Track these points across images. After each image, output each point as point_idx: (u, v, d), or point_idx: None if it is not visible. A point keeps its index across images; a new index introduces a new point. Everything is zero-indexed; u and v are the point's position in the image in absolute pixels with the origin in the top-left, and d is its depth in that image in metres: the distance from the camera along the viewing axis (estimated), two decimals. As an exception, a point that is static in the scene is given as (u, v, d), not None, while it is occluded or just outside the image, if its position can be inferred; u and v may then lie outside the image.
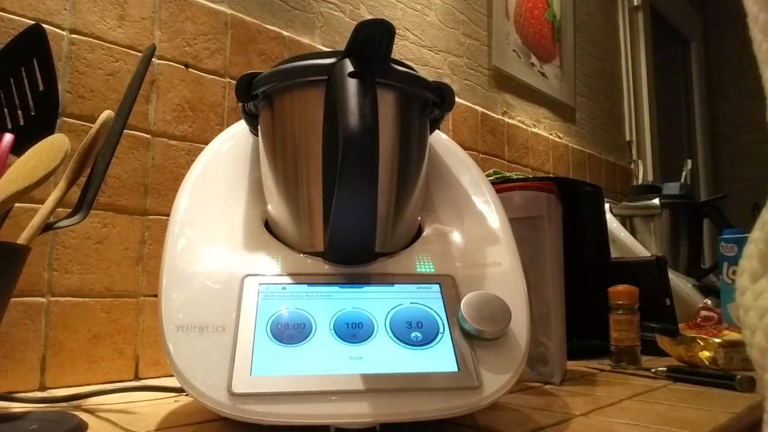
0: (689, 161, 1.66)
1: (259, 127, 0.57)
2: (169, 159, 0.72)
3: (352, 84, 0.46)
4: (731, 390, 0.62)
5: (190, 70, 0.75)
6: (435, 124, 0.59)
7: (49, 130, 0.49)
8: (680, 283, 1.30)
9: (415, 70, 0.56)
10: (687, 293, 1.28)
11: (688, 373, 0.70)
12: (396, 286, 0.51)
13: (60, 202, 0.46)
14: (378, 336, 0.45)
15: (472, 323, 0.46)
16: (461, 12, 1.28)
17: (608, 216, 1.32)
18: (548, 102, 1.54)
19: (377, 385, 0.42)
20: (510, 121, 1.36)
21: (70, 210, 0.49)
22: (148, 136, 0.70)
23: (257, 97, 0.55)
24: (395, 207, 0.54)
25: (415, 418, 0.42)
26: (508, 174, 1.06)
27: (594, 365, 0.82)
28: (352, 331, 0.45)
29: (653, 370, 0.73)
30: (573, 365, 0.82)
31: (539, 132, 1.46)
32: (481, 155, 1.24)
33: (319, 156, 0.51)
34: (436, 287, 0.51)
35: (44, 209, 0.45)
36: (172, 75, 0.73)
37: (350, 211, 0.47)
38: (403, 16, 1.12)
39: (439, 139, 0.65)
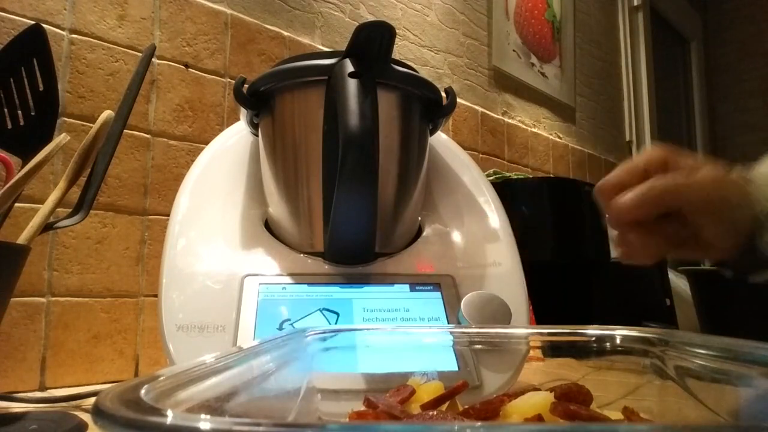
0: (689, 161, 1.65)
1: (259, 127, 0.57)
2: (169, 159, 0.72)
3: (352, 84, 0.46)
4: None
5: (190, 70, 0.75)
6: (436, 126, 0.59)
7: (49, 130, 0.49)
8: (680, 283, 1.30)
9: (415, 71, 0.56)
10: (687, 293, 1.28)
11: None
12: (396, 286, 0.51)
13: (60, 202, 0.46)
14: (378, 336, 0.45)
15: (472, 323, 0.46)
16: (461, 12, 1.28)
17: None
18: (548, 102, 1.54)
19: (377, 385, 0.42)
20: (510, 121, 1.36)
21: (70, 210, 0.49)
22: (148, 136, 0.70)
23: (256, 100, 0.54)
24: (395, 207, 0.54)
25: (415, 418, 0.42)
26: (508, 174, 1.06)
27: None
28: (352, 331, 0.45)
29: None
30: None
31: (539, 132, 1.46)
32: (481, 155, 1.24)
33: (319, 156, 0.51)
34: (436, 287, 0.51)
35: (44, 209, 0.45)
36: (172, 75, 0.73)
37: (350, 211, 0.47)
38: (403, 16, 1.12)
39: (440, 140, 0.65)
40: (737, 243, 0.40)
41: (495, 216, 0.58)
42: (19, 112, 0.48)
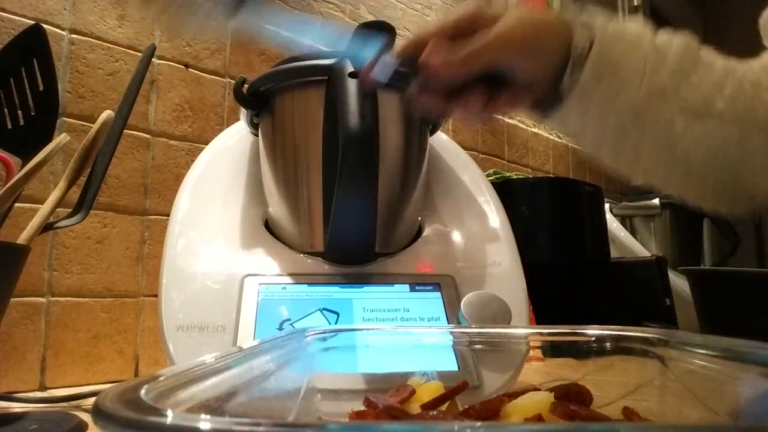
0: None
1: (259, 127, 0.57)
2: (169, 159, 0.72)
3: (352, 84, 0.46)
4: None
5: (190, 70, 0.75)
6: (436, 126, 0.59)
7: (49, 130, 0.49)
8: (680, 283, 1.30)
9: (415, 70, 0.56)
10: (687, 293, 1.28)
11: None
12: (396, 286, 0.51)
13: (60, 202, 0.46)
14: (378, 336, 0.45)
15: (472, 323, 0.46)
16: (461, 12, 1.28)
17: (608, 216, 1.32)
18: (548, 102, 1.53)
19: (377, 385, 0.42)
20: (510, 120, 1.36)
21: (70, 210, 0.49)
22: (148, 136, 0.70)
23: (256, 100, 0.54)
24: (395, 207, 0.54)
25: (415, 418, 0.42)
26: (508, 174, 1.06)
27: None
28: (352, 331, 0.45)
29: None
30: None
31: (539, 132, 1.46)
32: (481, 155, 1.24)
33: (319, 156, 0.51)
34: (436, 287, 0.51)
35: (44, 209, 0.45)
36: (172, 75, 0.73)
37: (350, 211, 0.47)
38: (404, 16, 1.12)
39: (440, 140, 0.65)
40: (547, 80, 0.42)
41: (495, 216, 0.58)
42: (19, 112, 0.48)
